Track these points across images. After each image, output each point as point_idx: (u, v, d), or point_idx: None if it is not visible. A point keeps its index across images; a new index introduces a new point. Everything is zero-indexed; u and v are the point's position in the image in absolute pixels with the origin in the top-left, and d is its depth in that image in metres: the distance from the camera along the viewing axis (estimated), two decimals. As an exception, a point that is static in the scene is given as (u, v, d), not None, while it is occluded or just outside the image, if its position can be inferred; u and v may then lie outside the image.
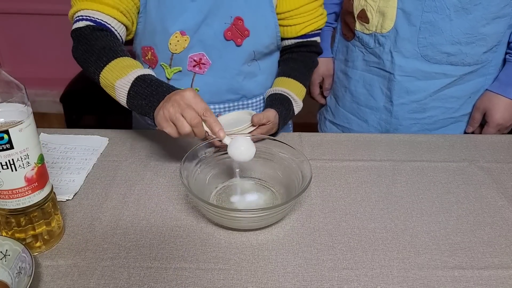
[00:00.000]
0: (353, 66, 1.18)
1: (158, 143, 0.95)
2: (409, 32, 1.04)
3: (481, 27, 1.01)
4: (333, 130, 1.31)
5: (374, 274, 0.65)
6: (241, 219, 0.71)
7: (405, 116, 1.14)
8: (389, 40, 1.07)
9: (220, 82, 1.02)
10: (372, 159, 0.92)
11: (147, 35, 0.99)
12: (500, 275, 0.66)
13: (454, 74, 1.07)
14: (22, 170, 0.61)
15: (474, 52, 1.04)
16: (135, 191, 0.81)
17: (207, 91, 1.03)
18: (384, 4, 1.04)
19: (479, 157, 0.94)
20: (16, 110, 0.59)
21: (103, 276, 0.64)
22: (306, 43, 1.08)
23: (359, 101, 1.20)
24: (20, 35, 2.56)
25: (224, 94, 1.05)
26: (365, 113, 1.20)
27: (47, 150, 0.91)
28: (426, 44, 1.04)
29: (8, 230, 0.65)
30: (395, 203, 0.80)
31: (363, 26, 1.11)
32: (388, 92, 1.13)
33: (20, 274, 0.59)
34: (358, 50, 1.16)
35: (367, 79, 1.16)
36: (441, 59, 1.05)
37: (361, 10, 1.10)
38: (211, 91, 1.03)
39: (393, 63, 1.09)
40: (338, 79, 1.25)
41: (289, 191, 0.79)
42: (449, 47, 1.03)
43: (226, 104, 1.06)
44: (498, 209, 0.79)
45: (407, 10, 1.02)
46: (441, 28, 1.01)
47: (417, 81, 1.09)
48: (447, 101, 1.11)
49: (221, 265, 0.66)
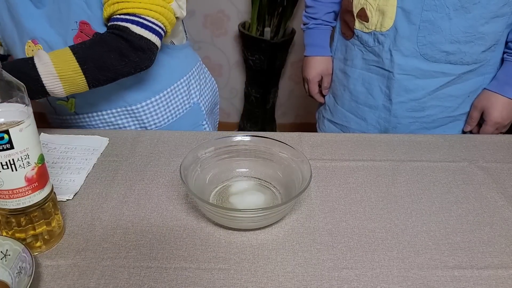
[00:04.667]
0: (352, 65, 1.18)
1: (158, 143, 0.95)
2: (408, 30, 1.04)
3: (480, 26, 1.01)
4: (332, 129, 1.31)
5: (374, 274, 0.66)
6: (241, 219, 0.71)
7: (404, 115, 1.15)
8: (388, 38, 1.07)
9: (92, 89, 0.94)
10: (372, 159, 0.92)
11: (9, 45, 0.99)
12: (500, 275, 0.66)
13: (453, 73, 1.07)
14: (22, 170, 0.61)
15: (473, 51, 1.04)
16: (135, 191, 0.81)
17: (84, 100, 1.02)
18: (384, 2, 1.04)
19: (479, 157, 0.94)
20: (17, 110, 0.59)
21: (103, 276, 0.64)
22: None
23: (358, 99, 1.20)
24: (20, 35, 2.56)
25: (101, 100, 1.03)
26: (364, 112, 1.20)
27: (47, 150, 0.91)
28: (426, 43, 1.04)
29: (8, 230, 0.66)
30: (395, 203, 0.80)
31: (363, 24, 1.11)
32: (387, 90, 1.13)
33: (20, 274, 0.59)
34: (357, 49, 1.16)
35: (366, 77, 1.16)
36: (440, 57, 1.06)
37: (361, 9, 1.10)
38: (87, 99, 1.02)
39: (392, 62, 1.09)
40: (337, 78, 1.26)
41: (289, 191, 0.79)
42: (448, 46, 1.03)
43: (109, 110, 1.06)
44: (497, 209, 0.79)
45: (407, 8, 1.02)
46: (440, 26, 1.01)
47: (416, 79, 1.09)
48: (445, 100, 1.12)
49: (221, 265, 0.66)
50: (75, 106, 1.05)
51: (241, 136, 0.85)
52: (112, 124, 1.08)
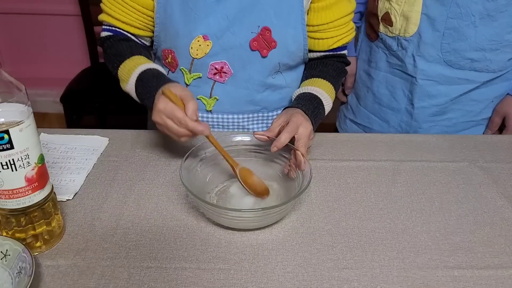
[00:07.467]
0: (376, 67, 1.18)
1: (158, 143, 0.95)
2: (432, 37, 1.04)
3: (506, 34, 1.00)
4: (354, 129, 1.31)
5: (374, 274, 0.66)
6: (241, 219, 0.71)
7: (425, 119, 1.14)
8: (412, 44, 1.07)
9: (241, 92, 1.00)
10: (372, 159, 0.92)
11: (168, 37, 0.96)
12: (500, 275, 0.66)
13: (478, 80, 1.06)
14: (23, 170, 0.61)
15: (499, 59, 1.03)
16: (135, 191, 0.81)
17: (227, 100, 1.00)
18: (408, 8, 1.04)
19: (479, 157, 0.94)
20: (17, 110, 0.59)
21: (103, 276, 0.64)
22: (335, 55, 1.03)
23: (381, 101, 1.20)
24: (20, 35, 2.56)
25: (244, 105, 1.02)
26: (386, 114, 1.20)
27: (48, 150, 0.91)
28: (450, 50, 1.04)
29: (8, 230, 0.66)
30: (395, 203, 0.80)
31: (387, 28, 1.11)
32: (410, 94, 1.13)
33: (20, 274, 0.59)
34: (382, 52, 1.15)
35: (390, 80, 1.16)
36: (464, 64, 1.05)
37: (385, 13, 1.09)
38: (231, 101, 1.01)
39: (416, 67, 1.08)
40: (361, 79, 1.25)
41: (289, 191, 0.79)
42: (473, 53, 1.02)
43: (245, 115, 1.04)
44: (497, 209, 0.79)
45: (431, 15, 1.02)
46: (465, 34, 1.01)
47: (439, 85, 1.08)
48: (468, 104, 1.11)
49: (221, 265, 0.66)
50: (214, 105, 1.02)
51: (241, 136, 0.85)
52: (244, 128, 1.06)
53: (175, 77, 1.00)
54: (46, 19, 2.47)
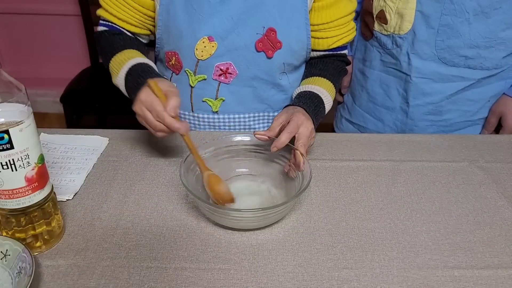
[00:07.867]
0: (371, 66, 1.18)
1: (158, 143, 0.95)
2: (427, 34, 1.04)
3: (500, 32, 1.00)
4: (349, 128, 1.31)
5: (374, 274, 0.66)
6: (241, 219, 0.71)
7: (421, 118, 1.14)
8: (406, 41, 1.07)
9: (246, 90, 0.99)
10: (372, 159, 0.92)
11: (172, 39, 0.96)
12: (500, 275, 0.66)
13: (472, 77, 1.06)
14: (23, 170, 0.61)
15: (493, 56, 1.03)
16: (135, 191, 0.81)
17: (233, 100, 1.00)
18: (403, 5, 1.04)
19: (479, 157, 0.94)
20: (16, 110, 0.59)
21: (103, 276, 0.64)
22: (335, 55, 1.04)
23: (375, 100, 1.20)
24: (20, 35, 2.56)
25: (251, 103, 1.02)
26: (381, 113, 1.20)
27: (47, 150, 0.91)
28: (444, 47, 1.03)
29: (8, 230, 0.66)
30: (395, 203, 0.80)
31: (382, 26, 1.11)
32: (404, 93, 1.13)
33: (20, 274, 0.59)
34: (376, 50, 1.15)
35: (384, 79, 1.16)
36: (458, 62, 1.05)
37: (380, 11, 1.09)
38: (237, 100, 1.01)
39: (410, 65, 1.08)
40: (356, 78, 1.25)
41: (289, 191, 0.79)
42: (467, 51, 1.02)
43: (251, 113, 1.04)
44: (497, 209, 0.79)
45: (426, 12, 1.02)
46: (459, 31, 1.01)
47: (433, 83, 1.08)
48: (464, 104, 1.11)
49: (221, 265, 0.66)
50: (220, 106, 1.02)
51: (241, 136, 0.85)
52: (250, 127, 1.06)
53: (179, 79, 1.00)
54: (46, 19, 2.47)
